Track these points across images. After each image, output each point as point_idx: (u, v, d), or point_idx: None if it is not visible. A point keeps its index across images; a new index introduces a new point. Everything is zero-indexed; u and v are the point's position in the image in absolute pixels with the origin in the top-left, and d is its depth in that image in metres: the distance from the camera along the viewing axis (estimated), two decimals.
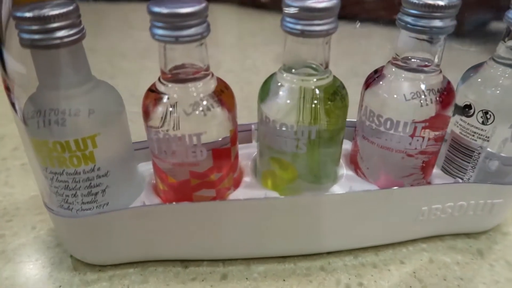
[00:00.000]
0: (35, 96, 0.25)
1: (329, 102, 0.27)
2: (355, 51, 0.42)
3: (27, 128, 0.25)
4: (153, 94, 0.26)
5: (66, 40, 0.23)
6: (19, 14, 0.22)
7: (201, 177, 0.27)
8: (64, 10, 0.23)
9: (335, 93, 0.27)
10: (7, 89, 0.25)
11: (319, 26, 0.24)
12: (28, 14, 0.22)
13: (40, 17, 0.22)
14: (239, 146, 0.32)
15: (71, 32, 0.23)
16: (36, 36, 0.23)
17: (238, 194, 0.29)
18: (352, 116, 0.31)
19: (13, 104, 0.25)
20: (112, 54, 0.31)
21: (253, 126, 0.35)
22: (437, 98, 0.27)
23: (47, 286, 0.29)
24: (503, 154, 0.30)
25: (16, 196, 0.38)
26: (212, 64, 0.27)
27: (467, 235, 0.34)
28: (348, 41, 0.41)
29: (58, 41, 0.23)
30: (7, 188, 0.39)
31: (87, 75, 0.26)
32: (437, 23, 0.25)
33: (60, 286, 0.29)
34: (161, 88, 0.26)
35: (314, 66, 0.27)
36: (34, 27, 0.22)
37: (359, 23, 0.37)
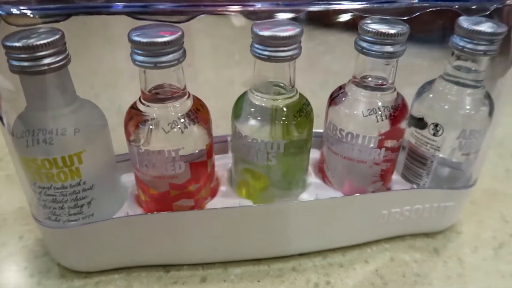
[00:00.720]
0: (24, 116, 0.27)
1: (296, 118, 0.29)
2: (323, 54, 0.45)
3: (17, 147, 0.27)
4: (134, 113, 0.28)
5: (52, 66, 0.25)
6: (9, 43, 0.24)
7: (180, 188, 0.30)
8: (51, 39, 0.25)
9: (301, 110, 0.30)
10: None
11: (284, 52, 0.27)
12: (17, 44, 0.24)
13: (28, 46, 0.24)
14: (216, 156, 0.35)
15: (58, 58, 0.25)
16: (25, 63, 0.25)
17: (215, 203, 0.32)
18: (320, 126, 0.34)
19: (1, 118, 0.27)
20: (95, 67, 0.33)
21: (229, 138, 0.37)
22: (392, 114, 0.30)
23: None
24: (454, 160, 0.34)
25: (3, 207, 0.39)
26: (190, 74, 0.29)
27: (426, 234, 0.37)
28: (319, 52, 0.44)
29: (45, 67, 0.25)
30: None
31: (72, 96, 0.28)
32: (389, 48, 0.28)
33: None
34: (141, 107, 0.28)
35: (281, 85, 0.29)
36: (23, 55, 0.24)
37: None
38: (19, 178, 0.29)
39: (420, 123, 0.33)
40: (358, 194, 0.32)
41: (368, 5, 0.28)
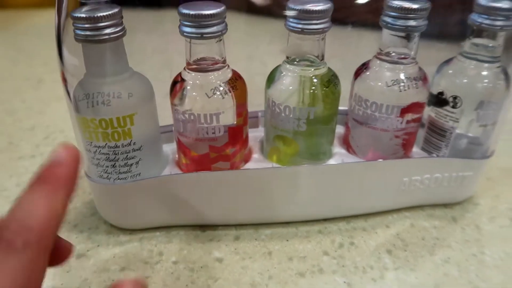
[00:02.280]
0: (83, 82, 0.31)
1: (324, 88, 0.32)
2: (346, 51, 0.48)
3: (77, 109, 0.31)
4: (180, 81, 0.32)
5: (112, 36, 0.29)
6: (75, 14, 0.28)
7: (219, 151, 0.33)
8: (111, 12, 0.28)
9: (329, 81, 0.33)
10: (64, 80, 0.31)
11: (316, 25, 0.30)
12: (82, 15, 0.28)
13: (91, 17, 0.28)
14: (249, 130, 0.38)
15: (116, 29, 0.29)
16: (88, 33, 0.28)
17: (249, 166, 0.35)
18: (344, 105, 0.37)
19: (68, 92, 0.31)
20: (142, 52, 0.36)
21: (259, 114, 0.41)
22: (414, 85, 0.33)
23: (87, 245, 0.34)
24: (470, 134, 0.36)
25: None
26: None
27: (444, 205, 0.39)
28: (340, 43, 0.47)
29: (105, 37, 0.29)
30: None
31: (126, 65, 0.31)
32: (412, 22, 0.31)
33: (98, 245, 0.34)
34: (186, 76, 0.32)
35: (312, 58, 0.32)
36: (87, 25, 0.28)
37: (350, 26, 0.43)
38: (76, 139, 0.33)
39: (440, 99, 0.35)
40: (380, 160, 0.35)
41: None
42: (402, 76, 0.33)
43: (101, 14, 0.28)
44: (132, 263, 0.33)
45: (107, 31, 0.29)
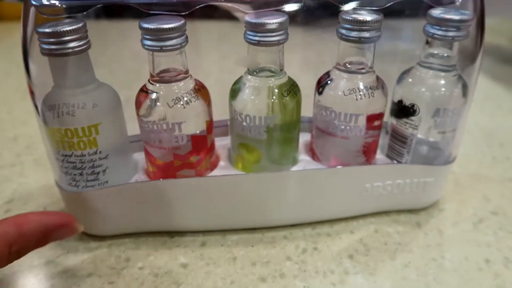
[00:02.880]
0: (51, 94, 0.32)
1: (285, 97, 0.33)
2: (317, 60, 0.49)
3: (45, 119, 0.32)
4: (144, 92, 0.33)
5: (76, 49, 0.30)
6: (40, 29, 0.29)
7: (183, 159, 0.34)
8: (75, 26, 0.30)
9: (288, 90, 0.34)
10: (31, 92, 0.32)
11: (272, 37, 0.31)
12: (47, 30, 0.29)
13: (56, 32, 0.29)
14: (217, 138, 0.39)
15: (80, 43, 0.30)
16: (53, 47, 0.30)
17: (214, 173, 0.36)
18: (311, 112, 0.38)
19: (35, 105, 0.32)
20: (110, 63, 0.38)
21: (229, 122, 0.42)
22: (371, 93, 0.34)
23: (57, 252, 0.35)
24: (431, 139, 0.37)
25: (30, 185, 0.44)
26: (193, 69, 0.34)
27: (410, 211, 0.40)
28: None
29: (70, 50, 0.30)
30: (22, 178, 0.45)
31: (92, 77, 0.33)
32: (365, 34, 0.32)
33: (67, 252, 0.35)
34: (150, 87, 0.33)
35: (272, 69, 0.34)
36: (52, 40, 0.29)
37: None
38: (45, 150, 0.34)
39: (401, 108, 0.36)
40: (340, 166, 0.36)
41: None
42: (360, 85, 0.34)
43: (65, 28, 0.29)
44: (99, 269, 0.34)
45: (71, 44, 0.30)
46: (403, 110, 0.36)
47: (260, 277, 0.33)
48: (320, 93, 0.36)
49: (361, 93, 0.34)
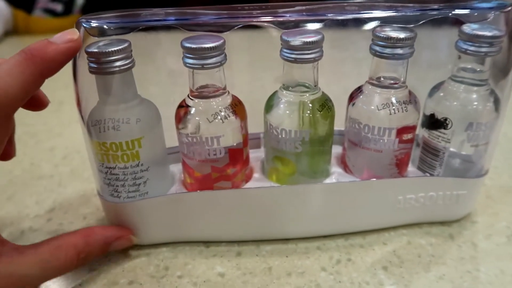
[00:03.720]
0: (96, 109, 0.34)
1: (319, 112, 0.34)
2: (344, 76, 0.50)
3: (90, 133, 0.34)
4: (183, 107, 0.34)
5: (121, 68, 0.32)
6: (89, 50, 0.31)
7: (220, 171, 0.35)
8: (121, 46, 0.31)
9: (323, 105, 0.35)
10: (79, 106, 0.34)
11: (308, 55, 0.32)
12: (95, 50, 0.31)
13: (103, 52, 0.31)
14: (250, 150, 0.40)
15: (125, 62, 0.32)
16: (100, 66, 0.31)
17: (249, 185, 0.37)
18: (342, 126, 0.39)
19: (82, 118, 0.34)
20: (150, 78, 0.39)
21: (261, 135, 0.43)
22: (404, 108, 0.35)
23: (99, 260, 0.37)
24: (463, 153, 0.37)
25: (69, 195, 0.46)
26: (228, 82, 0.35)
27: (442, 223, 0.40)
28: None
29: (116, 69, 0.32)
30: (61, 188, 0.47)
31: (135, 93, 0.34)
32: (399, 51, 0.33)
33: (109, 260, 0.37)
34: (189, 102, 0.34)
35: (307, 84, 0.35)
36: (99, 59, 0.31)
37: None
38: (89, 161, 0.36)
39: (433, 121, 0.37)
40: (374, 179, 0.36)
41: (383, 13, 0.33)
42: (392, 100, 0.35)
43: (112, 49, 0.31)
44: (139, 277, 0.35)
45: (117, 64, 0.32)
46: (435, 124, 0.37)
47: (296, 287, 0.34)
48: (353, 107, 0.36)
49: (394, 107, 0.34)
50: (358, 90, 0.37)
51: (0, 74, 0.25)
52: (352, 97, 0.37)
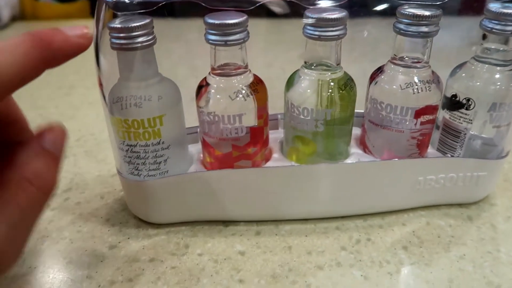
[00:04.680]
0: (117, 86, 0.33)
1: (341, 91, 0.34)
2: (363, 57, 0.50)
3: (112, 110, 0.33)
4: (205, 85, 0.34)
5: (143, 44, 0.31)
6: (111, 25, 0.31)
7: (241, 150, 0.35)
8: (143, 22, 0.31)
9: (345, 84, 0.34)
10: (100, 85, 0.33)
11: (332, 32, 0.32)
12: (117, 25, 0.31)
13: (125, 27, 0.31)
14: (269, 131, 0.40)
15: (147, 38, 0.32)
16: (122, 41, 0.31)
17: (269, 164, 0.37)
18: (360, 108, 0.39)
19: (103, 96, 0.34)
20: (168, 60, 0.39)
21: (279, 116, 0.43)
22: (427, 87, 0.34)
23: (118, 238, 0.37)
24: (484, 135, 0.37)
25: (85, 175, 0.46)
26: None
27: (460, 205, 0.40)
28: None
29: (138, 45, 0.31)
30: (76, 168, 0.47)
31: (156, 71, 0.34)
32: (424, 29, 0.32)
33: (128, 238, 0.37)
34: (211, 80, 0.34)
35: (328, 64, 0.34)
36: (121, 35, 0.31)
37: (366, 32, 0.44)
38: (110, 139, 0.36)
39: (454, 102, 0.37)
40: (396, 159, 0.36)
41: None
42: (415, 79, 0.34)
43: (134, 24, 0.31)
44: (160, 255, 0.35)
45: (140, 39, 0.31)
46: (457, 104, 0.36)
47: (317, 265, 0.34)
48: (374, 87, 0.36)
49: (417, 86, 0.34)
50: (379, 70, 0.37)
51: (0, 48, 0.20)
52: (373, 77, 0.37)
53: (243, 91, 0.34)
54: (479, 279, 0.32)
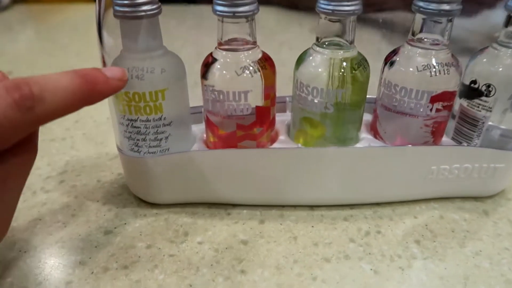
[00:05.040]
0: (119, 58, 0.32)
1: (354, 71, 0.32)
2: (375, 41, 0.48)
3: None
4: (211, 59, 0.32)
5: (148, 13, 0.30)
6: None
7: (246, 129, 0.33)
8: None
9: (359, 64, 0.32)
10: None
11: (347, 7, 0.30)
12: None
13: None
14: (276, 114, 0.38)
15: (152, 7, 0.30)
16: (126, 9, 0.29)
17: (275, 146, 0.35)
18: (372, 94, 0.37)
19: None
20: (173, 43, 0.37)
21: (287, 99, 0.41)
22: (445, 70, 0.32)
23: (114, 223, 0.35)
24: (503, 126, 0.35)
25: (82, 158, 0.44)
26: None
27: (475, 198, 0.38)
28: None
29: (142, 13, 0.30)
30: (73, 151, 0.45)
31: (160, 43, 0.32)
32: (445, 6, 0.30)
33: (125, 223, 0.35)
34: (217, 55, 0.32)
35: (341, 43, 0.32)
36: (125, 2, 0.29)
37: (381, 19, 0.43)
38: (110, 113, 0.34)
39: (472, 90, 0.35)
40: (409, 145, 0.34)
41: None
42: (433, 61, 0.32)
43: None
44: (158, 242, 0.33)
45: (144, 8, 0.29)
46: (476, 91, 0.34)
47: (323, 257, 0.32)
48: (389, 69, 0.34)
49: (435, 69, 0.32)
50: (394, 52, 0.35)
51: (54, 86, 0.22)
52: (388, 59, 0.35)
53: (250, 67, 0.32)
54: (496, 276, 0.30)
